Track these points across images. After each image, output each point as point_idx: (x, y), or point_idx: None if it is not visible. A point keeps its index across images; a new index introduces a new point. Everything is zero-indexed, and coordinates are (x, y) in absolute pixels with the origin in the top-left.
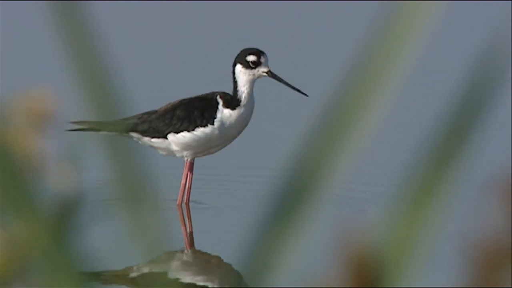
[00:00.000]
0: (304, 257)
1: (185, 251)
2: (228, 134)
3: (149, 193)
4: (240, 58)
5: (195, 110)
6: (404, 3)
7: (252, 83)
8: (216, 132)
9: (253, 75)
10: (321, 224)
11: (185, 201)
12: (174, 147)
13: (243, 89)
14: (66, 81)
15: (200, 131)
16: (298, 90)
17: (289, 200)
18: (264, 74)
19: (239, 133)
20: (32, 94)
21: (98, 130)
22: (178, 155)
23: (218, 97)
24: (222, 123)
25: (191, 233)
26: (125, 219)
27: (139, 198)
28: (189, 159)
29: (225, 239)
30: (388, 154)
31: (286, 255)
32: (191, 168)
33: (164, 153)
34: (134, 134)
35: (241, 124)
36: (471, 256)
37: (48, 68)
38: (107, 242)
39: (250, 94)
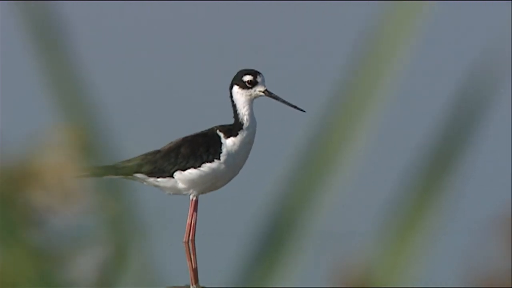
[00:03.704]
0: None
1: (190, 287)
2: (235, 164)
3: (146, 230)
4: (236, 80)
5: (200, 147)
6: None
7: (251, 103)
8: (223, 166)
9: (250, 95)
10: (313, 258)
11: (191, 238)
12: (181, 185)
13: (243, 111)
14: (62, 126)
15: (207, 167)
16: (296, 107)
17: (281, 234)
18: (261, 93)
19: (245, 159)
20: (67, 128)
21: (101, 175)
22: (184, 193)
23: (218, 131)
24: (228, 155)
25: (195, 269)
26: (123, 253)
27: (136, 235)
28: (194, 198)
29: (228, 274)
30: (377, 183)
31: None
32: (195, 206)
33: (170, 192)
34: (139, 176)
35: (246, 148)
36: None
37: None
38: (109, 272)
39: (251, 115)
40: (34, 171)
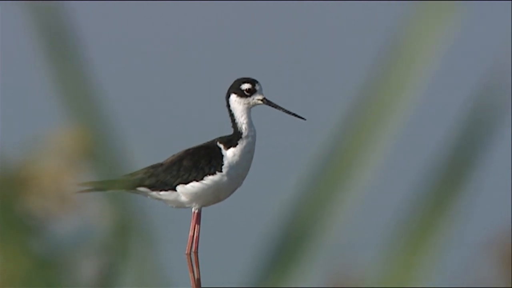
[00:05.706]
0: None
1: None
2: (238, 175)
3: (148, 239)
4: (234, 88)
5: (202, 159)
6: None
7: (249, 112)
8: (225, 178)
9: (248, 103)
10: (318, 272)
11: (193, 250)
12: (184, 198)
13: (241, 120)
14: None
15: (209, 180)
16: (295, 115)
17: (287, 247)
18: (260, 101)
19: (247, 169)
20: (66, 132)
21: (104, 189)
22: (187, 206)
23: (218, 143)
24: (230, 167)
25: (198, 280)
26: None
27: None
28: (196, 211)
29: (231, 285)
30: (383, 200)
31: None
32: (198, 219)
33: (173, 205)
34: (141, 189)
35: (247, 158)
36: None
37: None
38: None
39: (250, 123)
40: (33, 177)
